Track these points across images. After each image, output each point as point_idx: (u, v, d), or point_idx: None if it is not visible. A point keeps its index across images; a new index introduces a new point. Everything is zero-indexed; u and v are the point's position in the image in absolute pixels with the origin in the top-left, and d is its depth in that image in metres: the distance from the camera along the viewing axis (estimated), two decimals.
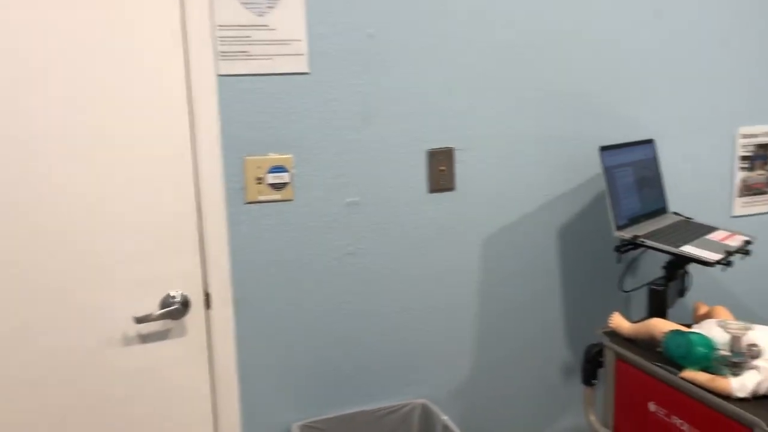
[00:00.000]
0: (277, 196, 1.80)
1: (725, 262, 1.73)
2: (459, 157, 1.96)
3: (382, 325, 1.96)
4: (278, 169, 1.79)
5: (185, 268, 1.71)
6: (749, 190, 2.31)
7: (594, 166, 2.10)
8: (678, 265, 1.90)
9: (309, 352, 1.89)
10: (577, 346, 2.18)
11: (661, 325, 1.67)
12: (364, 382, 1.96)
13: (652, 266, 2.22)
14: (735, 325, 1.47)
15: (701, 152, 2.23)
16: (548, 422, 2.20)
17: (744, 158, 2.28)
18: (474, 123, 1.96)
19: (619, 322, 1.81)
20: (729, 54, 2.20)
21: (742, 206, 2.32)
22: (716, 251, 1.76)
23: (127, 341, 1.69)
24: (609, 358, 1.79)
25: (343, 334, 1.92)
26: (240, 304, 1.80)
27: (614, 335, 1.81)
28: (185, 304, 1.71)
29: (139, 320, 1.65)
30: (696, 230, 1.94)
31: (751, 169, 2.30)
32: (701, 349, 1.51)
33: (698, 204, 2.25)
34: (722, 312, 1.76)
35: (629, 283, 2.20)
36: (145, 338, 1.70)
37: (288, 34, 1.75)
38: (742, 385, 1.44)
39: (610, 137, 2.10)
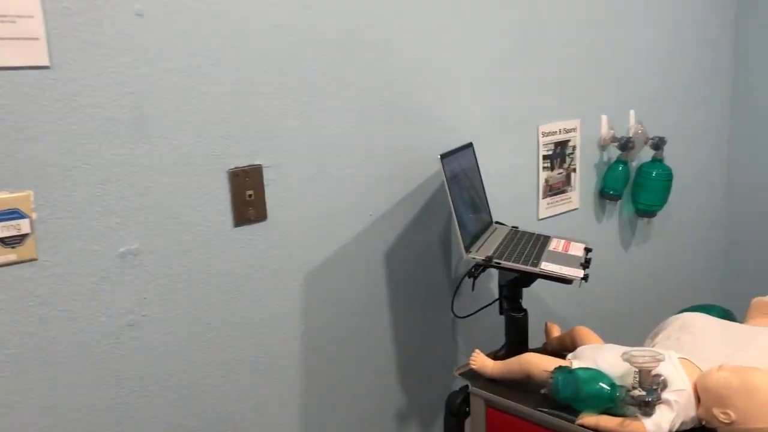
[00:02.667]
0: (10, 256, 1.17)
1: (585, 277, 1.54)
2: (269, 177, 1.51)
3: (182, 413, 1.43)
4: (9, 214, 1.16)
5: None
6: (551, 190, 2.22)
7: (415, 177, 1.80)
8: (524, 284, 1.68)
9: None
10: (421, 392, 1.87)
11: (538, 361, 1.42)
12: None
13: (479, 288, 2.00)
14: (642, 355, 1.26)
15: (508, 153, 2.07)
16: None
17: (545, 158, 2.18)
18: (284, 132, 1.52)
19: (482, 361, 1.53)
20: (529, 50, 2.06)
21: (546, 208, 2.22)
22: (573, 265, 1.58)
23: None
24: (477, 408, 1.50)
25: None
26: None
27: (477, 378, 1.52)
28: None
29: None
30: (534, 242, 1.75)
31: (551, 168, 2.21)
32: (604, 389, 1.28)
33: (507, 208, 2.08)
34: (586, 334, 1.58)
35: (459, 307, 1.95)
36: None
37: (10, 8, 1.13)
38: (657, 425, 1.24)
39: (429, 145, 1.82)
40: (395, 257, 1.78)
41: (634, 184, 2.49)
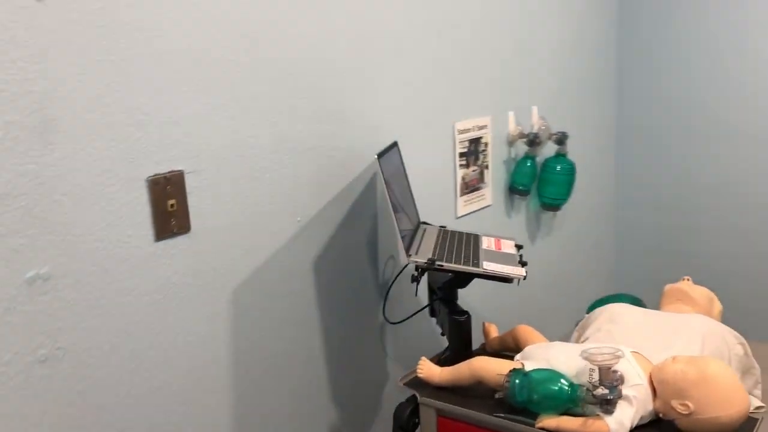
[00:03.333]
0: None
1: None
2: (191, 184, 1.36)
3: None
4: None
5: None
6: (467, 187, 2.21)
7: (341, 178, 1.71)
8: (460, 285, 1.64)
9: None
10: (359, 405, 1.78)
11: (490, 365, 1.38)
12: None
13: (405, 291, 1.94)
14: (601, 353, 1.24)
15: (427, 151, 2.02)
16: None
17: (461, 155, 2.16)
18: (206, 133, 1.38)
19: (429, 369, 1.47)
20: (444, 48, 2.02)
21: (463, 205, 2.20)
22: (512, 264, 1.55)
23: None
24: (428, 418, 1.44)
25: None
26: None
27: (424, 386, 1.46)
28: None
29: None
30: (466, 241, 1.71)
31: (467, 166, 2.19)
32: (564, 389, 1.26)
33: (428, 207, 2.04)
34: (530, 333, 1.57)
35: (390, 312, 1.88)
36: None
37: None
38: (620, 423, 1.23)
39: (353, 144, 1.73)
40: (324, 264, 1.68)
41: (540, 178, 2.53)
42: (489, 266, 1.49)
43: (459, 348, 1.54)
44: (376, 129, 1.80)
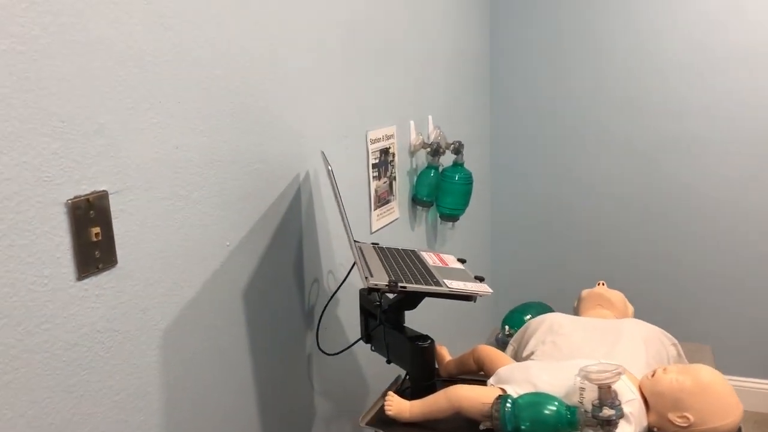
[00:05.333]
0: None
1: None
2: (116, 206, 1.10)
3: None
4: None
5: None
6: (380, 200, 2.08)
7: (267, 194, 1.51)
8: (409, 306, 1.51)
9: None
10: None
11: (471, 394, 1.26)
12: None
13: (332, 317, 1.76)
14: (600, 370, 1.17)
15: (346, 162, 1.87)
16: None
17: (374, 166, 2.03)
18: (129, 146, 1.12)
19: (399, 405, 1.32)
20: (358, 55, 1.88)
21: (377, 219, 2.07)
22: (470, 280, 1.45)
23: None
24: None
25: None
26: None
27: (390, 424, 1.31)
28: None
29: None
30: (409, 258, 1.59)
31: (378, 177, 2.06)
32: (562, 413, 1.17)
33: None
34: (494, 353, 1.47)
35: (323, 341, 1.69)
36: None
37: None
38: None
39: (278, 155, 1.53)
40: (253, 292, 1.47)
41: (439, 189, 2.47)
42: (453, 284, 1.37)
43: (421, 377, 1.40)
44: (299, 138, 1.62)
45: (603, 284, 2.03)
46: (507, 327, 2.11)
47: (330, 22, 1.73)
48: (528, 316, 2.20)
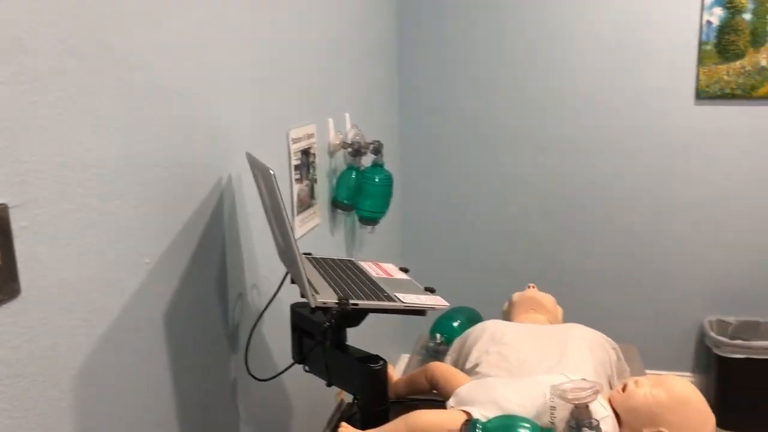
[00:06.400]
0: None
1: None
2: (18, 223, 0.89)
3: None
4: None
5: None
6: (302, 204, 1.93)
7: (188, 202, 1.32)
8: (352, 323, 1.37)
9: None
10: None
11: (434, 419, 1.15)
12: None
13: (260, 339, 1.59)
14: (575, 389, 1.09)
15: (269, 164, 1.70)
16: None
17: (296, 168, 1.87)
18: (36, 143, 0.92)
19: None
20: (276, 49, 1.72)
21: (300, 225, 1.91)
22: (420, 293, 1.34)
23: None
24: None
25: None
26: None
27: None
28: None
29: None
30: (348, 270, 1.45)
31: (300, 180, 1.91)
32: None
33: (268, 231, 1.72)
34: (448, 371, 1.37)
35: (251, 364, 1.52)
36: None
37: None
38: None
39: (199, 156, 1.35)
40: (176, 314, 1.28)
41: (358, 191, 2.34)
42: (406, 299, 1.25)
43: (373, 402, 1.27)
44: (219, 139, 1.44)
45: (533, 287, 1.99)
46: (438, 335, 2.03)
47: (248, 15, 1.56)
48: (456, 323, 2.13)
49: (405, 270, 1.51)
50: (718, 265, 2.95)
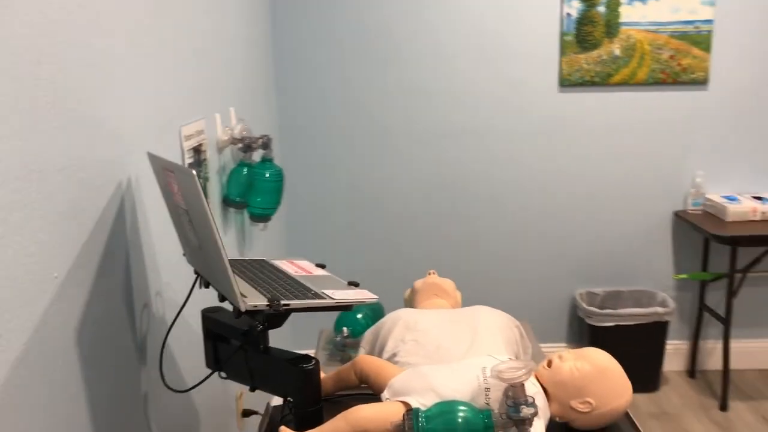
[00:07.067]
0: None
1: None
2: None
3: None
4: None
5: None
6: None
7: (93, 206, 1.22)
8: (276, 325, 1.34)
9: None
10: None
11: (375, 413, 1.16)
12: None
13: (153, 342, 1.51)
14: (510, 368, 1.12)
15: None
16: None
17: (190, 167, 1.78)
18: None
19: None
20: (165, 41, 1.62)
21: None
22: (346, 288, 1.33)
23: None
24: None
25: None
26: None
27: None
28: None
29: None
30: (265, 270, 1.41)
31: None
32: (479, 419, 1.12)
33: (171, 232, 1.63)
34: (379, 363, 1.36)
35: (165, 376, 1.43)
36: None
37: None
38: None
39: (101, 158, 1.25)
40: (87, 330, 1.18)
41: (248, 188, 2.27)
42: (337, 295, 1.24)
43: (306, 403, 1.24)
44: (118, 139, 1.34)
45: (434, 273, 2.04)
46: (345, 329, 2.03)
47: (137, 7, 1.46)
48: (360, 315, 2.14)
49: (322, 266, 1.49)
50: (587, 240, 3.18)
